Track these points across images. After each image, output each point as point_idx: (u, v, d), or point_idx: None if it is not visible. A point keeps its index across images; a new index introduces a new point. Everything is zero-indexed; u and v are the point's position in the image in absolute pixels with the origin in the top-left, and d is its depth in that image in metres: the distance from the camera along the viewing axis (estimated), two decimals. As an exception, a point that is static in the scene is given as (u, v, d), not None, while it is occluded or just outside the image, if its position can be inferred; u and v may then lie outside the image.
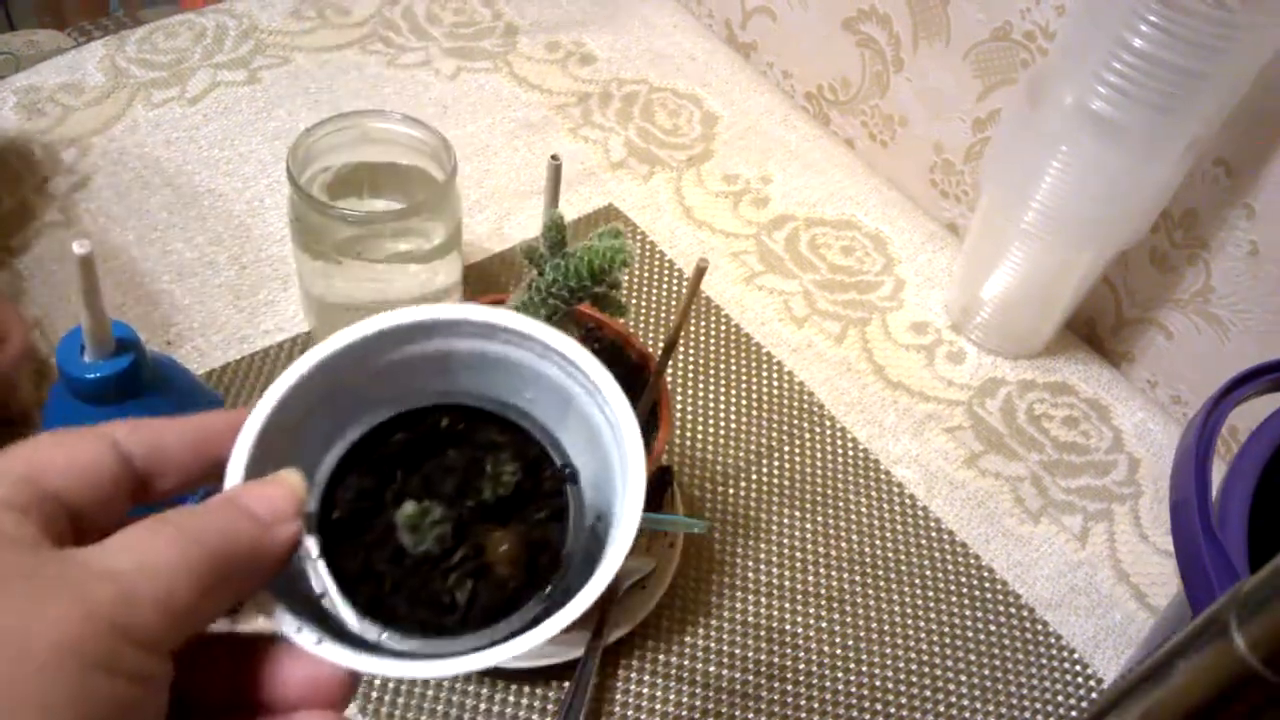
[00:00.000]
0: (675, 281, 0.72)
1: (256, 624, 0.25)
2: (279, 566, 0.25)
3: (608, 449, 0.29)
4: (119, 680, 0.21)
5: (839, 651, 0.56)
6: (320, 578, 0.26)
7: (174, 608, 0.22)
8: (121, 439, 0.25)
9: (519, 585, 0.27)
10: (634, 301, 0.70)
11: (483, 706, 0.51)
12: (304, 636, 0.25)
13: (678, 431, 0.64)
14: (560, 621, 0.25)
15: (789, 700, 0.53)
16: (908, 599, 0.58)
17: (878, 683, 0.55)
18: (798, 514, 0.61)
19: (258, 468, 0.26)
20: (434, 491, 0.28)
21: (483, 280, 0.69)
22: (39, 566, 0.22)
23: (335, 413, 0.28)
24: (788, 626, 0.56)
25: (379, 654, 0.25)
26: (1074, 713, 0.55)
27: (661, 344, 0.46)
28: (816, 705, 0.53)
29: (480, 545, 0.27)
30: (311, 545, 0.26)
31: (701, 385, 0.66)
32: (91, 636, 0.21)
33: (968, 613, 0.58)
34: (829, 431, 0.65)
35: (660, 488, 0.57)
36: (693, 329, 0.69)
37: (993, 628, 0.58)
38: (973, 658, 0.56)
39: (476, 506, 0.28)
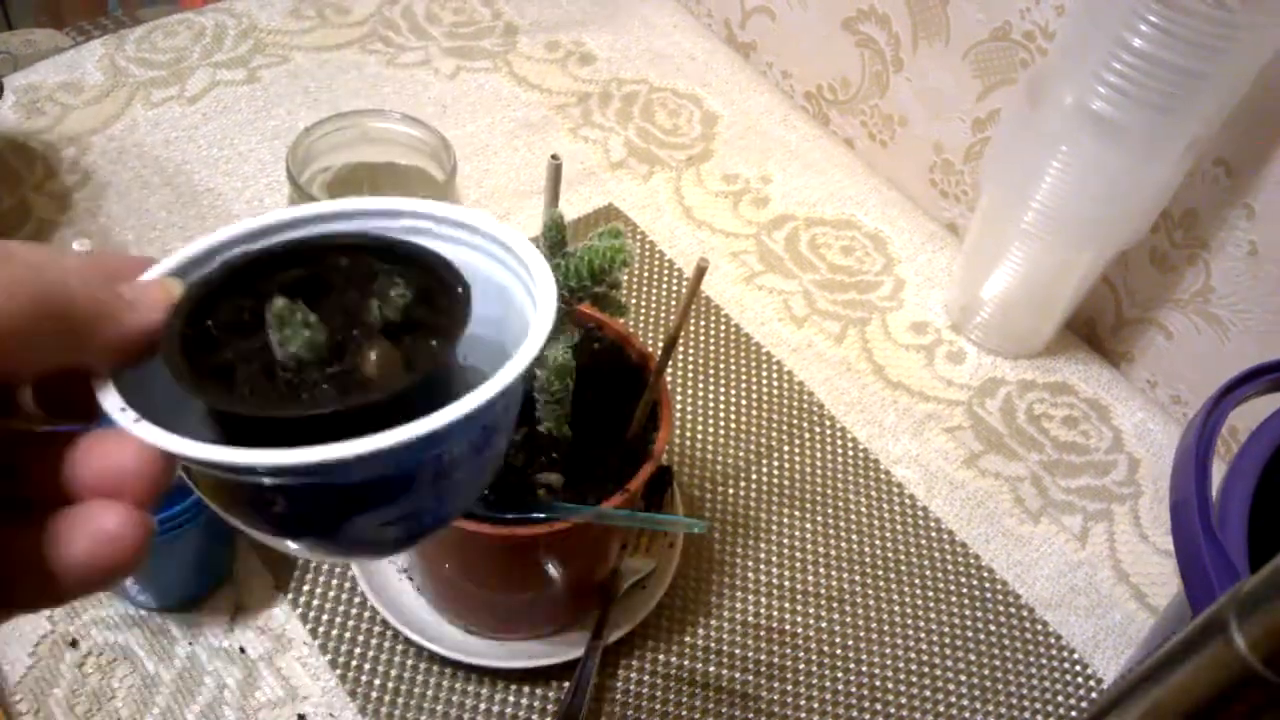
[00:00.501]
0: (675, 281, 0.72)
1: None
2: (125, 348, 0.24)
3: (520, 304, 0.28)
4: None
5: (839, 651, 0.56)
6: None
7: None
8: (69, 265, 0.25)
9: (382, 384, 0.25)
10: (634, 301, 0.70)
11: (483, 706, 0.51)
12: (124, 415, 0.23)
13: (678, 431, 0.64)
14: (448, 413, 0.23)
15: (789, 700, 0.53)
16: (908, 599, 0.58)
17: (878, 683, 0.55)
18: (798, 514, 0.61)
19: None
20: (325, 321, 0.26)
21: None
22: None
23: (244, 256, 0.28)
24: (788, 626, 0.56)
25: (205, 440, 0.23)
26: (1074, 713, 0.55)
27: (661, 344, 0.46)
28: (816, 705, 0.53)
29: (356, 363, 0.25)
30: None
31: (701, 385, 0.66)
32: None
33: (968, 613, 0.58)
34: (829, 431, 0.65)
35: (660, 488, 0.57)
36: (693, 329, 0.69)
37: (993, 628, 0.58)
38: (973, 658, 0.56)
39: (364, 331, 0.26)
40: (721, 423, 0.64)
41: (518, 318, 0.29)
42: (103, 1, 1.55)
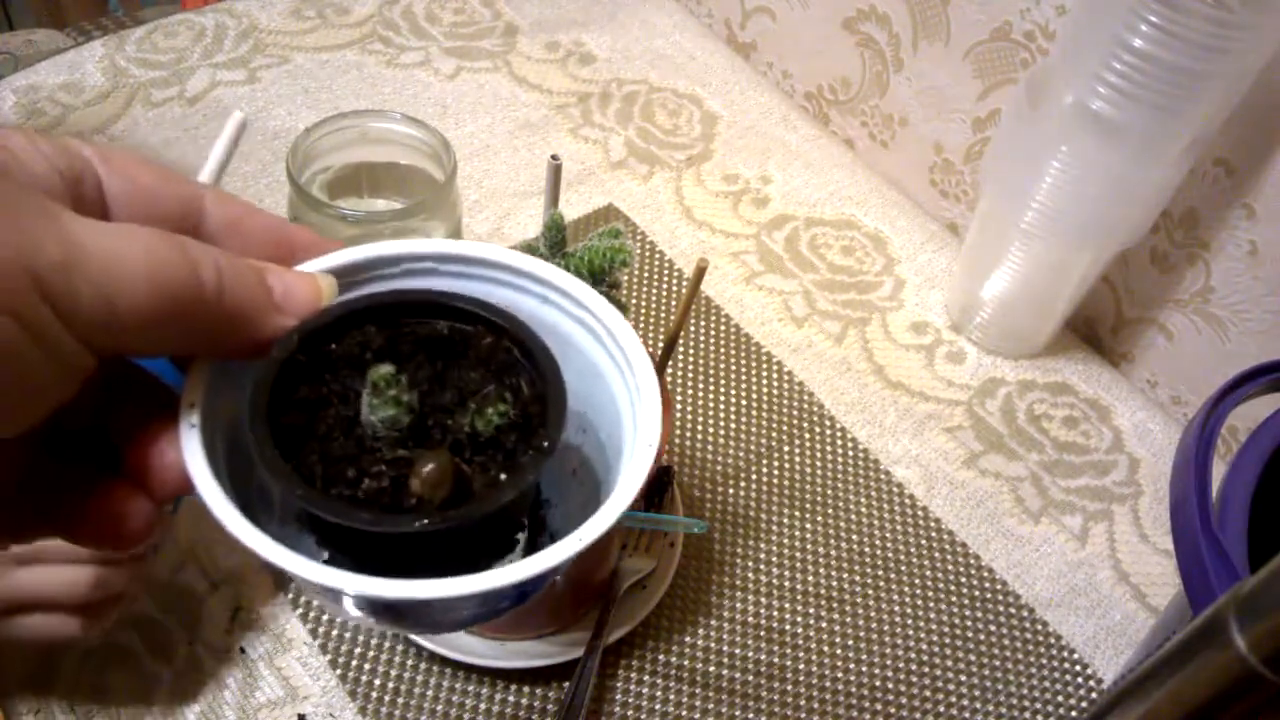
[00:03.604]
0: (675, 281, 0.72)
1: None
2: (250, 349, 0.24)
3: (612, 388, 0.28)
4: (12, 327, 0.20)
5: (839, 651, 0.56)
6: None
7: (115, 305, 0.21)
8: (209, 204, 0.25)
9: (416, 506, 0.25)
10: (634, 301, 0.70)
11: (483, 706, 0.51)
12: (187, 417, 0.23)
13: (678, 431, 0.64)
14: (527, 567, 0.23)
15: (789, 700, 0.53)
16: (908, 599, 0.58)
17: (878, 683, 0.55)
18: (798, 514, 0.61)
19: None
20: (433, 393, 0.26)
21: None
22: (24, 204, 0.21)
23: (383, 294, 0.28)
24: (788, 626, 0.56)
25: (236, 503, 0.23)
26: (1074, 713, 0.55)
27: (661, 344, 0.46)
28: (816, 705, 0.53)
29: (419, 455, 0.25)
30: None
31: (701, 385, 0.66)
32: (5, 276, 0.20)
33: (968, 613, 0.58)
34: (829, 431, 0.65)
35: (660, 488, 0.57)
36: (693, 329, 0.69)
37: (993, 628, 0.58)
38: (973, 658, 0.56)
39: (452, 428, 0.26)
40: (721, 423, 0.65)
41: (599, 390, 0.29)
42: (103, 2, 1.55)
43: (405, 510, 0.24)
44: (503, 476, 0.25)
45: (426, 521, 0.24)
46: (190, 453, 0.23)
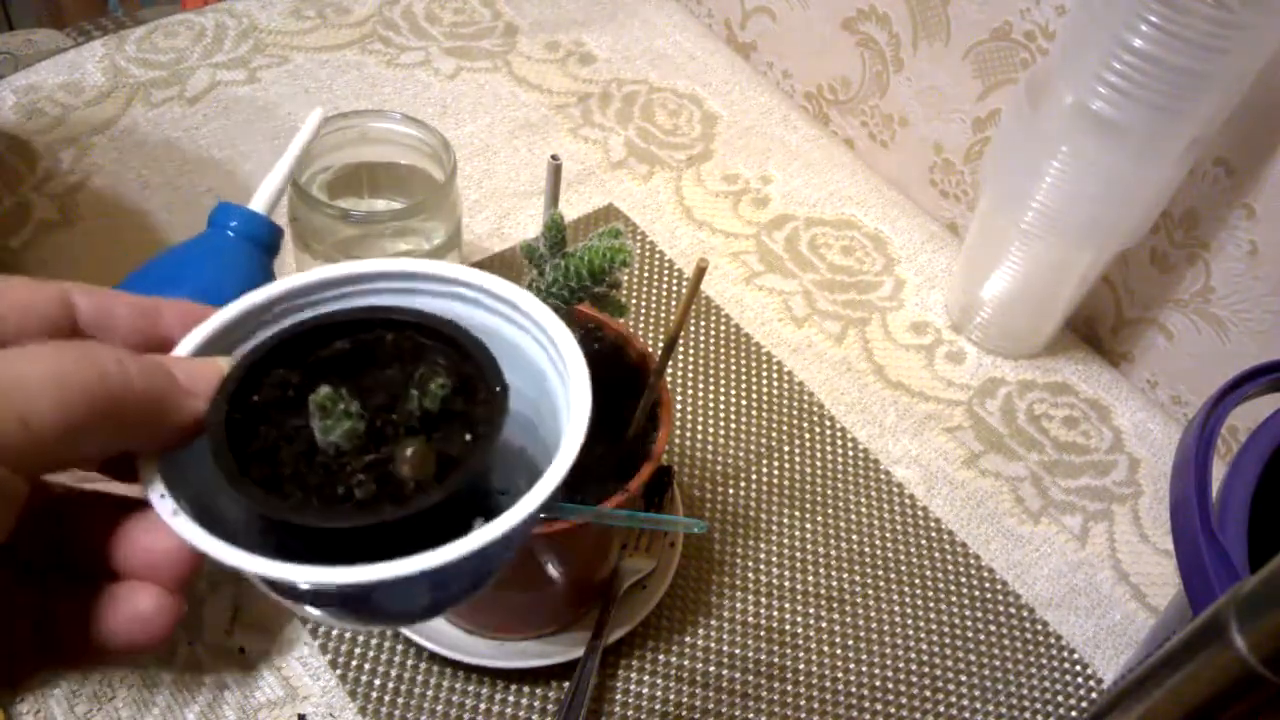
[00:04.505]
0: (675, 281, 0.72)
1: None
2: (176, 435, 0.25)
3: (554, 390, 0.29)
4: None
5: (839, 651, 0.56)
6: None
7: (35, 425, 0.21)
8: (76, 297, 0.26)
9: (417, 489, 0.26)
10: (634, 301, 0.70)
11: (483, 706, 0.51)
12: (163, 504, 0.24)
13: (678, 431, 0.64)
14: (472, 542, 0.24)
15: (789, 700, 0.53)
16: (908, 599, 0.58)
17: (878, 683, 0.55)
18: (798, 514, 0.61)
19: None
20: (365, 400, 0.27)
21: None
22: None
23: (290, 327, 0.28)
24: (788, 626, 0.56)
25: (240, 546, 0.24)
26: (1074, 713, 0.55)
27: (661, 344, 0.46)
28: (816, 705, 0.53)
29: (392, 452, 0.26)
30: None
31: (701, 385, 0.66)
32: None
33: (968, 613, 0.58)
34: (829, 431, 0.65)
35: (660, 488, 0.57)
36: (693, 329, 0.69)
37: (993, 628, 0.58)
38: (973, 658, 0.56)
39: (402, 418, 0.27)
40: (721, 423, 0.65)
41: (544, 394, 0.30)
42: (103, 2, 1.55)
43: (412, 495, 0.25)
44: (466, 436, 0.27)
45: (442, 492, 0.25)
46: (189, 532, 0.24)
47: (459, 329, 0.28)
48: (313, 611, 0.28)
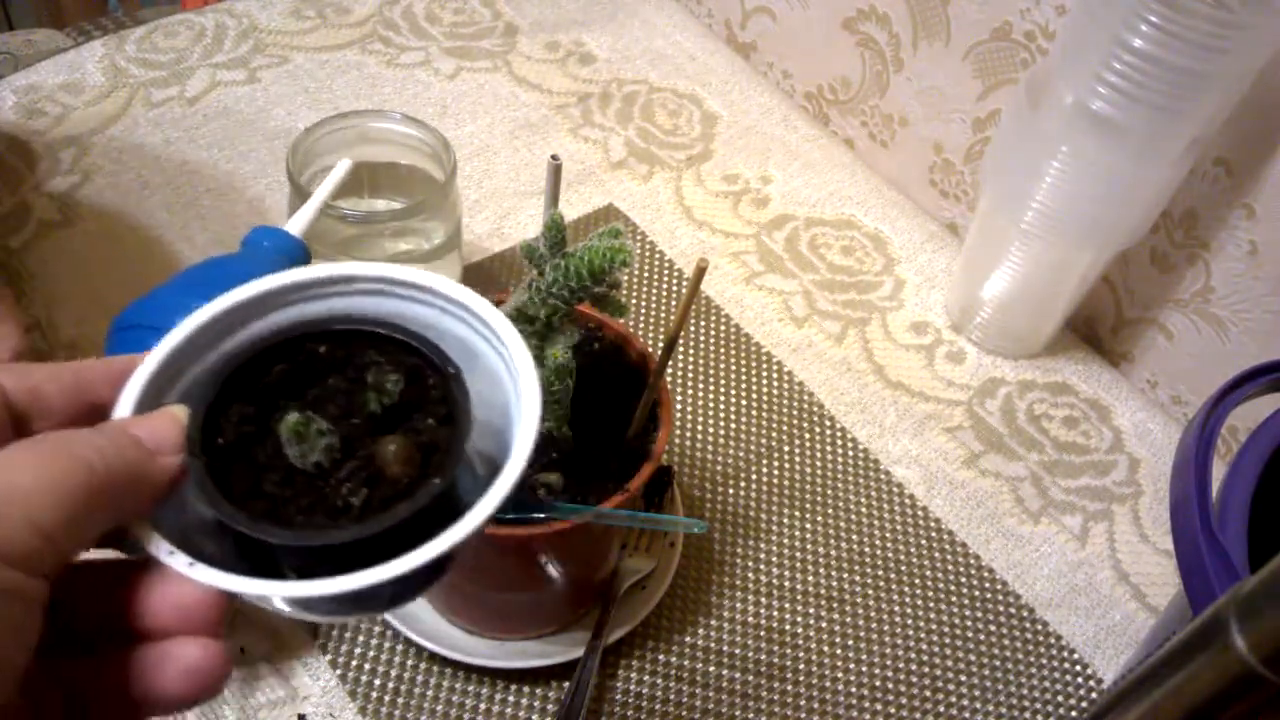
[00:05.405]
0: (675, 281, 0.72)
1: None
2: (161, 495, 0.25)
3: (507, 387, 0.29)
4: None
5: (839, 651, 0.56)
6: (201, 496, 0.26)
7: (45, 526, 0.22)
8: (2, 377, 0.26)
9: (412, 482, 0.26)
10: (634, 301, 0.70)
11: (483, 706, 0.51)
12: (176, 559, 0.24)
13: (678, 431, 0.64)
14: (453, 535, 0.25)
15: (789, 700, 0.53)
16: (908, 599, 0.58)
17: (878, 683, 0.55)
18: (798, 514, 0.61)
19: (146, 407, 0.27)
20: (320, 414, 0.27)
21: (482, 280, 0.69)
22: None
23: (226, 360, 0.29)
24: (788, 626, 0.56)
25: (260, 576, 0.24)
26: (1074, 713, 0.55)
27: (661, 344, 0.46)
28: (816, 705, 0.53)
29: (370, 455, 0.27)
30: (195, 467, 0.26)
31: (701, 385, 0.66)
32: None
33: (968, 613, 0.58)
34: (829, 431, 0.65)
35: (660, 488, 0.57)
36: (693, 329, 0.69)
37: (993, 628, 0.58)
38: (973, 658, 0.56)
39: (364, 421, 0.27)
40: (721, 423, 0.65)
41: (492, 383, 0.30)
42: (103, 2, 1.55)
43: (414, 489, 0.26)
44: (430, 421, 0.27)
45: (439, 480, 0.26)
46: (211, 577, 0.24)
47: (389, 325, 0.29)
48: (308, 614, 0.28)
